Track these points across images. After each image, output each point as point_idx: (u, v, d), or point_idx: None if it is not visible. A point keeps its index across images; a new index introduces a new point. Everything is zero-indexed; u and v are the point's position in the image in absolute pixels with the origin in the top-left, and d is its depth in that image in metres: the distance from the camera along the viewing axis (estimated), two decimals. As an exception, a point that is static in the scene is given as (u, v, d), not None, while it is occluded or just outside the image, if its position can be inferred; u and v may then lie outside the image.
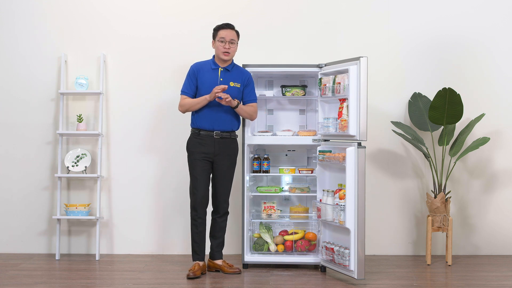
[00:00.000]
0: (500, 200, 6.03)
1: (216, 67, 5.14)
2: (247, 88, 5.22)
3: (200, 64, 5.18)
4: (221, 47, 5.08)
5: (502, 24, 6.03)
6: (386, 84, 5.97)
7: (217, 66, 5.15)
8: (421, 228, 6.00)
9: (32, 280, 4.97)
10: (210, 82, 5.09)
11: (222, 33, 5.10)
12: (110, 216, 5.96)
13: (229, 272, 5.16)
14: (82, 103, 5.97)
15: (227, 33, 5.09)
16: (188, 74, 5.18)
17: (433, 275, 5.26)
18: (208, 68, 5.15)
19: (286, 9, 6.00)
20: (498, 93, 6.02)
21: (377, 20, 6.00)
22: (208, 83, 5.09)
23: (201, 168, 5.10)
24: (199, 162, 5.10)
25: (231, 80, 5.13)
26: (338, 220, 5.01)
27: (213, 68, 5.14)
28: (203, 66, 5.16)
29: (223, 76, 5.13)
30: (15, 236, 5.94)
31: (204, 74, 5.12)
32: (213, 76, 5.12)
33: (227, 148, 5.16)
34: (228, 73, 5.15)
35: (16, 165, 5.95)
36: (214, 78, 5.11)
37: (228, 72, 5.15)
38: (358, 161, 4.89)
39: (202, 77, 5.11)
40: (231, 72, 5.16)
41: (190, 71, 5.17)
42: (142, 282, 4.93)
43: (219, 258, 5.26)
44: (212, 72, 5.13)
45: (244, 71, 5.24)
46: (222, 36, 5.08)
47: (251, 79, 5.23)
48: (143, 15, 5.99)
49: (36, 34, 5.96)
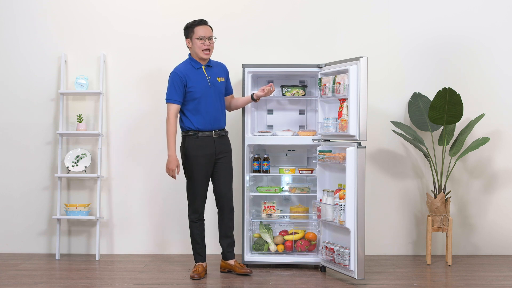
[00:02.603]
0: (500, 200, 6.03)
1: (198, 66, 5.05)
2: (227, 81, 5.23)
3: (183, 68, 5.03)
4: (201, 45, 4.98)
5: (502, 24, 6.03)
6: (386, 84, 5.97)
7: (199, 65, 5.06)
8: (421, 228, 6.00)
9: (32, 280, 4.97)
10: (201, 83, 5.02)
11: (200, 30, 5.00)
12: (110, 216, 5.96)
13: (241, 272, 5.12)
14: (82, 103, 5.97)
15: (205, 30, 5.01)
16: (173, 81, 4.98)
17: (433, 275, 5.26)
18: (192, 69, 5.04)
19: (286, 9, 6.00)
20: (498, 93, 6.03)
21: (377, 20, 6.00)
22: (199, 84, 5.01)
23: (203, 172, 5.06)
24: (201, 166, 5.05)
25: (217, 76, 5.09)
26: (338, 220, 5.01)
27: (196, 68, 5.05)
28: (187, 70, 5.03)
29: (209, 73, 5.07)
30: (15, 236, 5.94)
31: (192, 78, 5.01)
32: (201, 77, 5.04)
33: (225, 146, 5.16)
34: (211, 69, 5.09)
35: (16, 165, 5.95)
36: (202, 78, 5.04)
37: (210, 68, 5.09)
38: (358, 161, 4.89)
39: (191, 81, 5.00)
40: (213, 68, 5.11)
41: (176, 77, 4.98)
42: (142, 282, 4.93)
43: (231, 258, 5.21)
44: (198, 72, 5.04)
45: (222, 64, 5.23)
46: (201, 34, 4.98)
47: (228, 71, 5.25)
48: (143, 15, 5.99)
49: (36, 34, 5.96)
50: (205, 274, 5.12)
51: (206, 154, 5.05)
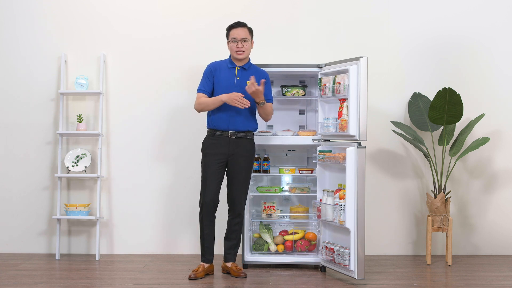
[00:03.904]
0: (500, 200, 6.03)
1: (232, 66, 5.09)
2: (264, 88, 5.10)
3: (217, 63, 5.13)
4: (234, 47, 5.05)
5: (502, 24, 6.03)
6: (386, 84, 5.97)
7: (233, 65, 5.10)
8: (421, 228, 6.00)
9: (32, 280, 4.97)
10: (226, 81, 5.05)
11: (233, 33, 5.06)
12: (110, 216, 5.96)
13: (234, 275, 5.09)
14: (82, 103, 5.97)
15: (238, 32, 5.05)
16: (204, 73, 5.12)
17: (433, 275, 5.26)
18: (225, 67, 5.10)
19: (286, 9, 6.00)
20: (498, 93, 6.03)
21: (377, 20, 6.00)
22: (224, 82, 5.05)
23: (214, 171, 5.03)
24: (213, 164, 5.03)
25: (248, 79, 5.06)
26: (338, 220, 5.01)
27: (229, 67, 5.09)
28: (220, 65, 5.11)
29: (240, 75, 5.08)
30: (15, 236, 5.94)
31: (220, 73, 5.07)
32: (230, 75, 5.07)
33: (242, 149, 5.08)
34: (245, 72, 5.10)
35: (16, 165, 5.95)
36: (230, 77, 5.06)
37: (245, 71, 5.10)
38: (358, 161, 4.89)
39: (218, 76, 5.06)
40: (248, 71, 5.10)
41: (207, 69, 5.11)
42: (142, 282, 4.92)
43: (230, 261, 5.17)
44: (229, 71, 5.09)
45: (261, 70, 5.18)
46: (234, 36, 5.05)
47: (268, 79, 5.17)
48: (143, 15, 5.99)
49: (36, 34, 5.96)
50: (206, 275, 5.10)
51: (217, 153, 5.03)
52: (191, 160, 5.83)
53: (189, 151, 5.88)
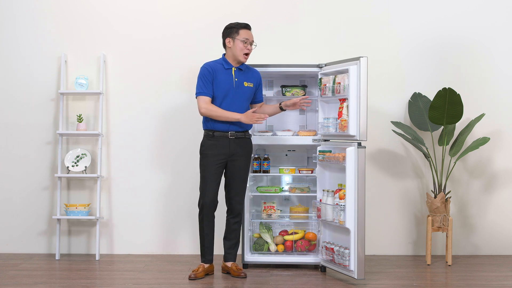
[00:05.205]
0: (500, 200, 6.03)
1: (229, 67, 5.01)
2: (258, 88, 5.16)
3: (213, 64, 5.02)
4: (243, 48, 4.96)
5: (502, 24, 6.04)
6: (386, 84, 5.97)
7: (230, 66, 5.02)
8: (421, 228, 6.00)
9: (32, 280, 4.97)
10: (225, 83, 4.98)
11: (246, 33, 4.98)
12: (110, 216, 5.96)
13: (235, 275, 5.09)
14: (82, 103, 5.97)
15: (250, 34, 5.01)
16: (203, 75, 4.97)
17: (433, 275, 5.26)
18: (221, 68, 5.00)
19: (286, 9, 6.00)
20: (498, 93, 6.03)
21: (377, 20, 6.00)
22: (223, 84, 4.97)
23: (214, 172, 5.00)
24: (212, 165, 4.99)
25: (245, 80, 5.04)
26: (338, 220, 5.01)
27: (226, 68, 5.01)
28: (216, 66, 5.01)
29: (237, 76, 5.02)
30: (15, 236, 5.94)
31: (218, 75, 4.98)
32: (228, 77, 5.00)
33: (242, 148, 5.07)
34: (241, 72, 5.05)
35: (16, 165, 5.95)
36: (229, 78, 4.99)
37: (241, 71, 5.05)
38: (358, 161, 4.89)
39: (217, 78, 4.97)
40: (244, 72, 5.07)
41: (205, 71, 4.97)
42: (142, 282, 4.93)
43: (230, 260, 5.16)
44: (226, 72, 5.00)
45: (255, 71, 5.17)
46: (246, 36, 4.97)
47: (260, 79, 5.19)
48: (143, 15, 5.99)
49: (36, 34, 5.96)
50: (206, 275, 5.10)
51: (218, 154, 5.00)
52: (191, 160, 5.83)
53: (189, 151, 5.89)
